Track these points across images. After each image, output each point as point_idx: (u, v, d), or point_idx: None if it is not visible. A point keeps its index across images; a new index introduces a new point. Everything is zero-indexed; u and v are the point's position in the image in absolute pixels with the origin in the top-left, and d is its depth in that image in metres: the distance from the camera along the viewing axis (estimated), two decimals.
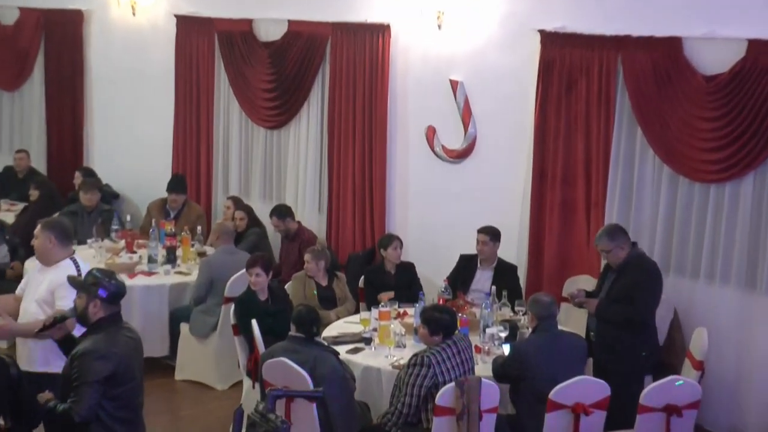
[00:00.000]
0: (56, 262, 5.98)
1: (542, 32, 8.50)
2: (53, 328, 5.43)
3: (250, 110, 10.67)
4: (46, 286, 5.92)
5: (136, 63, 11.74)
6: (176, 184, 10.46)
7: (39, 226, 6.15)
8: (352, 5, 9.70)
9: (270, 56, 10.34)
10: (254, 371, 7.20)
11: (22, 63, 12.86)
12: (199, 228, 9.78)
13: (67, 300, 5.58)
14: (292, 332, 6.54)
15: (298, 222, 9.69)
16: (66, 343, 5.43)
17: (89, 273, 5.40)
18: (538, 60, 8.57)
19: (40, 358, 5.87)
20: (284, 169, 10.55)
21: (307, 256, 8.36)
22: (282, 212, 9.53)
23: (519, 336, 7.17)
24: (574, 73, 8.36)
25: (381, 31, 9.46)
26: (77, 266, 5.97)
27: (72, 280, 5.47)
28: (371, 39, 9.52)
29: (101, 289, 5.24)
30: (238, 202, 10.10)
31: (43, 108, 12.74)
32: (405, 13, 9.36)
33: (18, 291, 6.27)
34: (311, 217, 10.19)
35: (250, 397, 7.39)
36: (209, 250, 9.47)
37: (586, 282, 7.87)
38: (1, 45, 13.06)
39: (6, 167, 12.36)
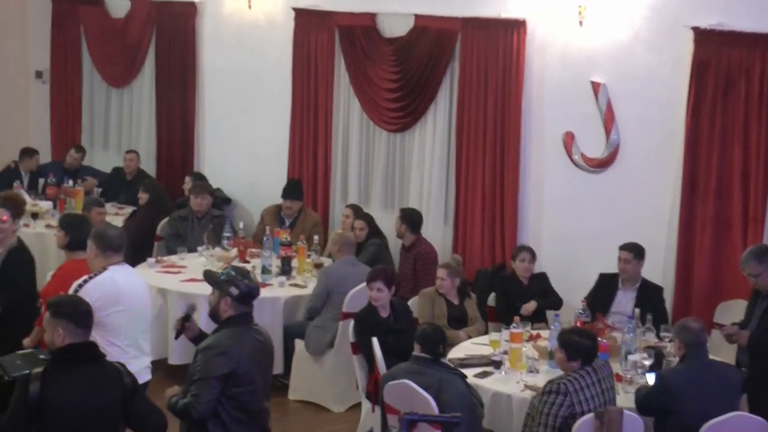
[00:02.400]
0: (95, 272, 6.20)
1: (696, 29, 8.44)
2: (183, 329, 5.90)
3: (371, 111, 10.83)
4: None
5: (251, 60, 12.02)
6: (292, 190, 10.69)
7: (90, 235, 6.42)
8: None
9: (394, 53, 10.49)
10: (374, 393, 7.34)
11: (132, 58, 13.28)
12: (316, 237, 9.98)
13: None
14: (416, 352, 6.62)
15: (419, 233, 9.81)
16: (200, 341, 5.77)
17: (224, 271, 5.72)
18: (691, 60, 8.52)
19: None
20: (407, 176, 10.67)
21: (441, 272, 8.46)
22: (415, 221, 9.66)
23: (665, 365, 7.12)
24: (732, 74, 8.28)
25: (516, 27, 9.52)
26: (93, 276, 6.09)
27: (207, 276, 5.77)
28: (505, 35, 9.59)
29: (232, 287, 5.56)
30: (357, 211, 10.27)
31: (152, 106, 13.12)
32: (543, 7, 9.41)
33: None
34: (435, 228, 10.29)
35: (368, 421, 7.52)
36: (326, 261, 9.66)
37: (742, 307, 7.76)
38: (111, 39, 13.51)
39: (115, 168, 12.82)
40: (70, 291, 6.00)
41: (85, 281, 6.07)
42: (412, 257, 9.60)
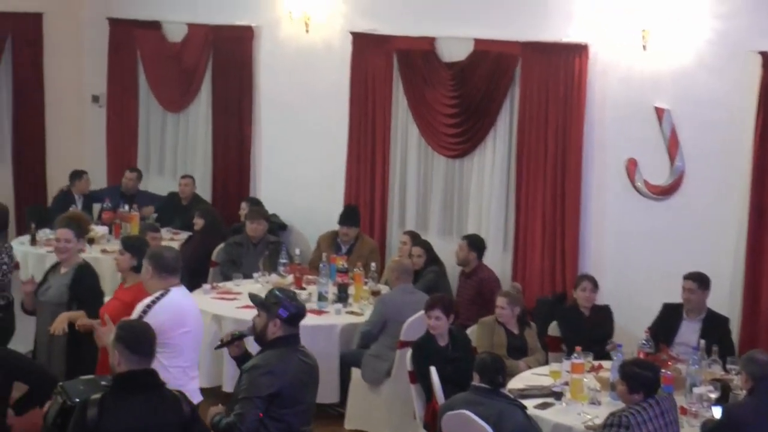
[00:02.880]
0: (155, 293, 6.31)
1: (764, 54, 8.42)
2: (231, 344, 5.94)
3: (430, 137, 10.89)
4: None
5: (308, 84, 12.14)
6: (349, 216, 10.78)
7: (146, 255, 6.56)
8: (546, 23, 9.83)
9: (453, 78, 10.55)
10: (432, 423, 7.37)
11: (188, 83, 13.44)
12: (373, 264, 10.05)
13: None
14: (475, 382, 6.65)
15: (479, 260, 9.84)
16: (243, 361, 5.85)
17: (271, 292, 5.83)
18: (758, 85, 8.48)
19: None
20: (466, 203, 10.70)
21: (500, 300, 8.49)
22: (481, 247, 9.72)
23: (731, 398, 7.08)
24: None
25: (578, 51, 9.55)
26: (159, 298, 6.22)
27: (254, 298, 5.88)
28: (567, 60, 9.63)
29: (282, 309, 5.66)
30: (415, 238, 10.32)
31: (208, 131, 13.25)
32: (605, 31, 9.43)
33: None
34: (494, 255, 10.30)
35: None
36: (383, 288, 9.71)
37: None
38: (168, 63, 13.68)
39: (170, 193, 12.98)
40: (136, 313, 6.12)
41: (153, 302, 6.19)
42: (474, 283, 9.64)
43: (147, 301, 6.22)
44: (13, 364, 6.64)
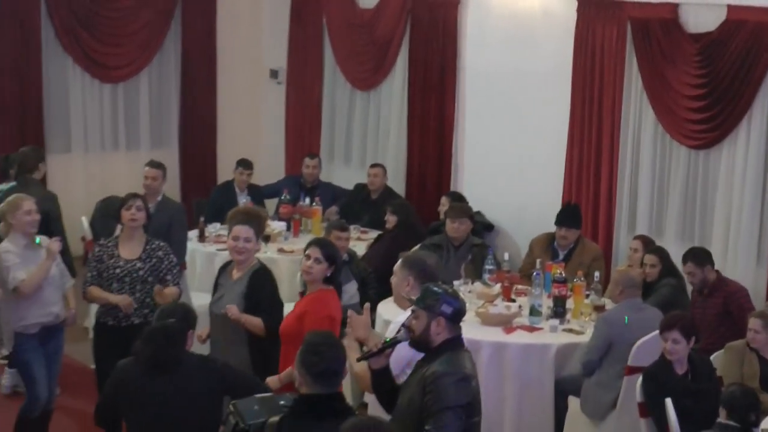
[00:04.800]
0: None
1: None
2: (381, 354, 5.82)
3: (669, 123, 10.75)
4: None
5: (522, 60, 12.14)
6: (568, 217, 10.72)
7: (400, 262, 6.59)
8: None
9: (699, 52, 10.39)
10: None
11: (381, 56, 13.60)
12: (596, 274, 9.95)
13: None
14: (722, 419, 6.57)
15: (717, 271, 9.63)
16: (381, 377, 5.85)
17: (427, 288, 5.78)
18: None
19: None
20: (711, 204, 10.56)
21: (753, 323, 8.30)
22: (700, 257, 9.51)
23: None
24: None
25: None
26: None
27: (410, 299, 5.90)
28: None
29: (445, 305, 5.62)
30: (648, 244, 10.18)
31: (403, 113, 13.39)
32: None
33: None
34: (745, 267, 10.14)
35: None
36: (608, 303, 9.61)
37: None
38: (357, 34, 13.89)
39: (357, 185, 13.18)
40: (392, 333, 6.14)
41: None
42: (719, 300, 9.42)
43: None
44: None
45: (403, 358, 6.00)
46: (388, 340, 5.85)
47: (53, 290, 8.31)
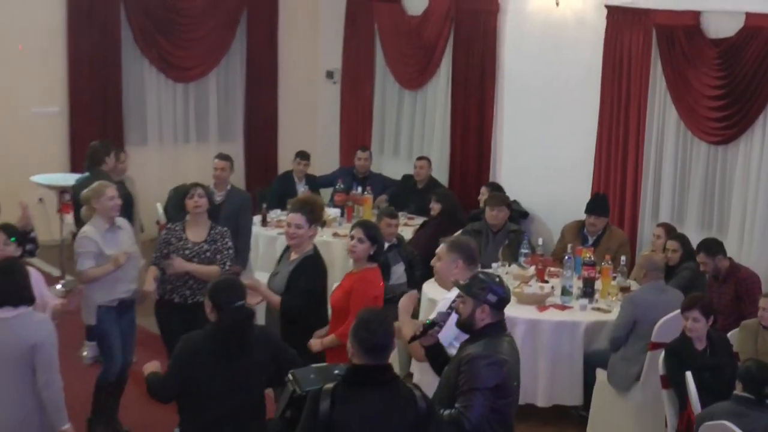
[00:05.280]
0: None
1: None
2: (425, 335, 5.86)
3: (690, 121, 10.66)
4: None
5: (556, 63, 12.09)
6: (597, 206, 10.69)
7: (444, 246, 6.57)
8: None
9: (719, 56, 10.29)
10: None
11: (427, 59, 13.60)
12: (623, 258, 9.90)
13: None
14: (738, 391, 6.51)
15: (730, 258, 9.53)
16: (434, 351, 5.87)
17: (475, 277, 5.78)
18: None
19: None
20: (728, 194, 10.45)
21: (765, 302, 8.22)
22: (712, 248, 9.39)
23: None
24: None
25: None
26: None
27: (457, 284, 5.85)
28: None
29: (490, 294, 5.61)
30: (670, 231, 10.12)
31: (447, 111, 13.40)
32: None
33: None
34: (760, 257, 10.04)
35: None
36: (633, 284, 9.57)
37: None
38: (406, 38, 13.90)
39: (405, 176, 13.20)
40: (443, 307, 6.15)
41: None
42: (731, 286, 9.33)
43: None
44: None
45: (448, 337, 6.00)
46: (428, 322, 5.88)
47: (132, 268, 8.37)
